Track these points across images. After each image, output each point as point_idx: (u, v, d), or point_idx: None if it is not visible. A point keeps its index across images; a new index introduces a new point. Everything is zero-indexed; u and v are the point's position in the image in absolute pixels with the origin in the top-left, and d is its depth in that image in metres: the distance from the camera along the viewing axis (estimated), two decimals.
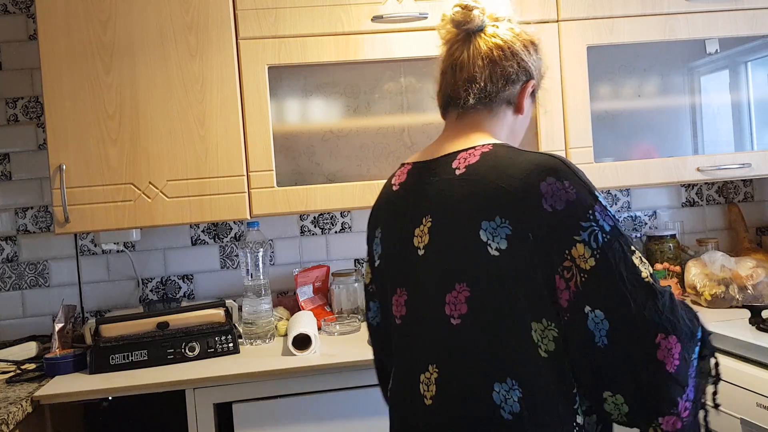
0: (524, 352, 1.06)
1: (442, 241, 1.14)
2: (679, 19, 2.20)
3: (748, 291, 2.18)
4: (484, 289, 1.08)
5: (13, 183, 2.39)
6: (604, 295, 1.04)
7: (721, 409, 1.74)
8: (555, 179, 1.06)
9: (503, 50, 1.22)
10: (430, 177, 1.19)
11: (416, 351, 1.17)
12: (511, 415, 1.06)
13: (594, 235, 1.04)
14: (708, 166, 2.22)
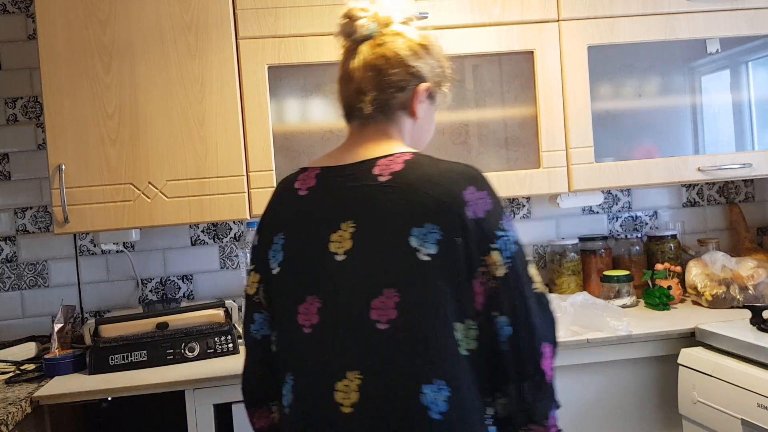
0: (450, 352, 1.11)
1: (369, 247, 1.14)
2: (680, 19, 2.20)
3: (749, 291, 2.18)
4: (414, 294, 1.11)
5: (13, 183, 2.39)
6: (510, 302, 1.12)
7: (722, 409, 1.74)
8: (475, 188, 1.14)
9: (388, 59, 1.23)
10: (348, 182, 1.19)
11: (331, 359, 1.14)
12: (440, 415, 1.09)
13: (507, 245, 1.13)
14: (709, 166, 2.22)
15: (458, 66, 2.21)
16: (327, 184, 1.22)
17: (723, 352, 1.83)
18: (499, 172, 2.16)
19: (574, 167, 2.17)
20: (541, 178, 2.16)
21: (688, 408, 1.87)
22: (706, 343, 1.90)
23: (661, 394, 2.01)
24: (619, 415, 2.02)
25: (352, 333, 1.13)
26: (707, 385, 1.79)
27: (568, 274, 2.45)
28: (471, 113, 2.24)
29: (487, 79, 2.24)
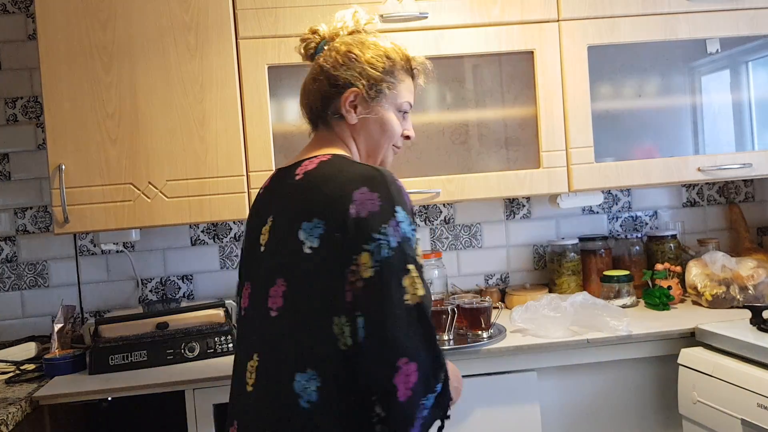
0: (326, 344, 1.14)
1: (274, 240, 1.25)
2: (680, 19, 2.20)
3: (749, 291, 2.18)
4: (297, 284, 1.18)
5: (13, 183, 2.39)
6: (369, 305, 1.13)
7: (721, 409, 1.74)
8: (368, 189, 1.17)
9: (315, 73, 1.37)
10: (280, 182, 1.34)
11: (246, 340, 1.27)
12: (308, 404, 1.14)
13: (379, 248, 1.14)
14: (709, 166, 2.22)
15: (458, 66, 2.22)
16: (273, 183, 1.37)
17: (723, 352, 1.83)
18: (499, 172, 2.16)
19: (574, 167, 2.17)
20: (541, 178, 2.16)
21: (688, 408, 1.87)
22: (706, 343, 1.90)
23: (661, 394, 2.01)
24: (619, 415, 2.02)
25: (257, 318, 1.24)
26: (707, 385, 1.79)
27: (568, 274, 2.45)
28: (471, 113, 2.24)
29: (487, 79, 2.24)
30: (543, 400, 1.96)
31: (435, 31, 2.13)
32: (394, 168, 2.16)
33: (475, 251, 2.57)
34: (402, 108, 1.40)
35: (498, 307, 2.11)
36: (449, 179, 2.14)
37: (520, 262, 2.59)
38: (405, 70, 1.41)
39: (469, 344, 1.95)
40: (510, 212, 2.58)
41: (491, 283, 2.58)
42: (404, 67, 1.40)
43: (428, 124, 2.22)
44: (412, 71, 1.43)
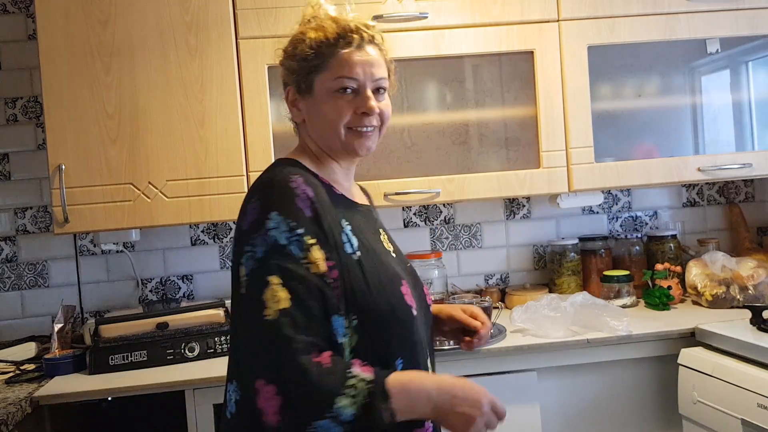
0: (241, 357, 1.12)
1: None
2: (680, 19, 2.20)
3: (749, 291, 2.18)
4: (232, 300, 1.16)
5: (13, 183, 2.39)
6: (237, 323, 1.12)
7: (722, 409, 1.74)
8: (256, 198, 1.15)
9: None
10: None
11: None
12: (229, 414, 1.15)
13: (248, 261, 1.10)
14: (709, 166, 2.22)
15: (458, 66, 2.22)
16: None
17: (723, 352, 1.83)
18: (499, 172, 2.16)
19: (574, 167, 2.17)
20: (541, 178, 2.16)
21: (688, 408, 1.87)
22: (706, 343, 1.90)
23: (661, 394, 2.01)
24: (619, 415, 2.02)
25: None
26: (707, 385, 1.79)
27: (568, 274, 2.45)
28: (471, 113, 2.24)
29: (487, 79, 2.24)
30: (543, 400, 1.96)
31: (435, 31, 2.13)
32: (393, 167, 2.18)
33: (475, 251, 2.57)
34: (339, 86, 1.24)
35: (498, 307, 2.11)
36: (449, 179, 2.14)
37: (520, 262, 2.59)
38: (332, 45, 1.25)
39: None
40: (510, 212, 2.58)
41: (491, 283, 2.58)
42: (330, 42, 1.25)
43: (428, 124, 2.22)
44: (343, 41, 1.25)
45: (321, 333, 1.09)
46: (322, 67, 1.25)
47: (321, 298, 1.10)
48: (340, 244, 1.17)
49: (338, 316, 1.13)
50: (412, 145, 2.20)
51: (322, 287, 1.11)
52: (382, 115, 1.28)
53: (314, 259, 1.12)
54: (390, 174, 2.17)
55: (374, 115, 1.25)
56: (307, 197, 1.15)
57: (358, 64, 1.24)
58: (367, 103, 1.24)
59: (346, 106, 1.24)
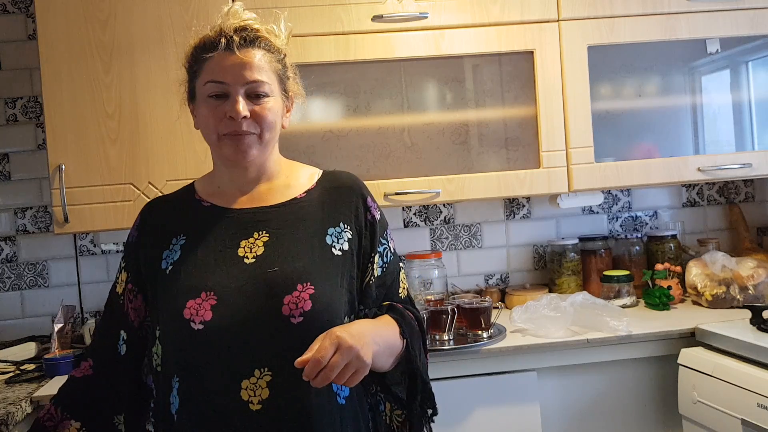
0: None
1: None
2: (680, 19, 2.20)
3: (749, 291, 2.18)
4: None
5: (13, 183, 2.39)
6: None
7: (722, 409, 1.74)
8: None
9: None
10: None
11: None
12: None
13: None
14: (709, 166, 2.22)
15: (458, 66, 2.22)
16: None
17: (723, 352, 1.83)
18: (499, 172, 2.16)
19: (574, 167, 2.17)
20: (541, 178, 2.16)
21: (688, 408, 1.87)
22: (706, 343, 1.90)
23: (661, 394, 2.01)
24: (619, 415, 2.02)
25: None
26: (707, 385, 1.79)
27: (568, 274, 2.45)
28: (471, 113, 2.24)
29: (487, 79, 2.24)
30: (543, 400, 1.96)
31: (435, 31, 2.13)
32: (393, 167, 2.18)
33: (475, 251, 2.57)
34: (210, 91, 1.24)
35: (498, 307, 2.11)
36: (449, 179, 2.14)
37: (520, 262, 2.59)
38: (202, 49, 1.25)
39: (469, 344, 1.95)
40: (510, 212, 2.58)
41: (491, 283, 2.58)
42: (204, 47, 1.25)
43: (428, 124, 2.22)
44: (214, 45, 1.24)
45: (102, 342, 1.34)
46: (198, 72, 1.26)
47: (112, 314, 1.33)
48: (156, 261, 1.28)
49: (124, 330, 1.31)
50: (412, 145, 2.20)
51: (113, 303, 1.33)
52: (260, 120, 1.24)
53: (120, 280, 1.33)
54: (390, 174, 2.17)
55: (242, 120, 1.22)
56: (135, 224, 1.34)
57: (226, 68, 1.23)
58: (232, 107, 1.22)
59: (217, 110, 1.23)
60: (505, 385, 1.93)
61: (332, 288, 1.23)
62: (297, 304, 1.18)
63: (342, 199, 1.33)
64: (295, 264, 1.22)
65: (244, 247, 1.24)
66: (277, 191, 1.32)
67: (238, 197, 1.31)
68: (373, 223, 1.33)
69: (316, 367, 1.05)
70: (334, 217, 1.30)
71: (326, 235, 1.28)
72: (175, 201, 1.35)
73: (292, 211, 1.30)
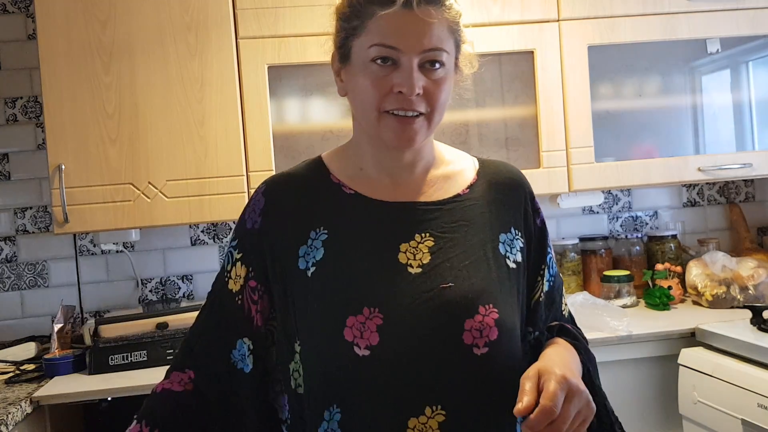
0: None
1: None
2: (680, 19, 2.20)
3: (749, 291, 2.18)
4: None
5: (12, 183, 2.39)
6: None
7: (722, 409, 1.74)
8: None
9: None
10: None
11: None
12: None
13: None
14: (709, 166, 2.22)
15: None
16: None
17: (723, 352, 1.83)
18: None
19: (574, 167, 2.17)
20: (541, 178, 2.16)
21: (689, 408, 1.87)
22: (706, 343, 1.90)
23: (662, 394, 2.00)
24: (620, 415, 2.00)
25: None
26: (707, 385, 1.79)
27: (569, 274, 2.45)
28: (471, 113, 2.24)
29: (487, 79, 2.24)
30: None
31: None
32: None
33: None
34: (375, 56, 0.99)
35: None
36: None
37: None
38: (372, 2, 0.99)
39: None
40: None
41: None
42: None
43: None
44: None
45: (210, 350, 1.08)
46: (360, 29, 1.00)
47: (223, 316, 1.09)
48: (291, 258, 1.04)
49: (244, 339, 1.06)
50: None
51: (225, 303, 1.09)
52: (432, 99, 1.01)
53: (234, 275, 1.09)
54: None
55: (414, 97, 0.99)
56: (256, 208, 1.08)
57: (402, 30, 0.97)
58: (407, 80, 0.98)
59: (382, 81, 0.99)
60: None
61: (513, 311, 1.03)
62: (481, 331, 0.97)
63: (510, 197, 1.10)
64: (471, 279, 1.00)
65: (406, 252, 1.02)
66: (435, 184, 1.09)
67: (389, 186, 1.08)
68: (542, 228, 1.12)
69: (548, 417, 0.85)
70: (504, 220, 1.08)
71: (499, 243, 1.05)
72: (306, 182, 1.09)
73: (458, 210, 1.06)
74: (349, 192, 1.08)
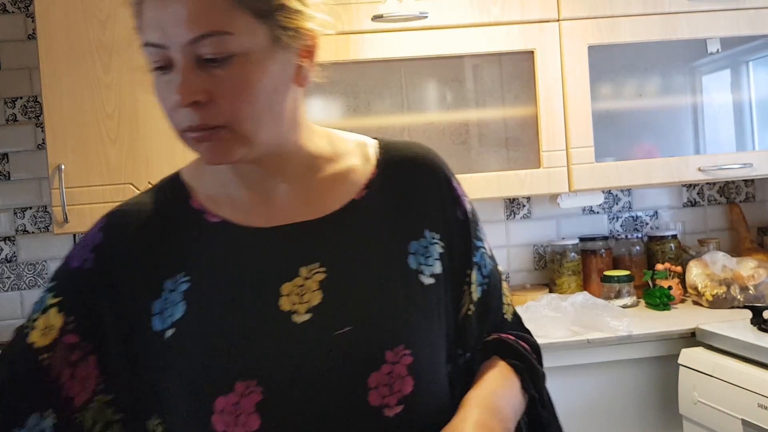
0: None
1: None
2: (681, 19, 2.20)
3: (749, 291, 2.17)
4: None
5: (12, 183, 2.39)
6: None
7: (722, 409, 1.74)
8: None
9: None
10: None
11: None
12: None
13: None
14: (709, 166, 2.21)
15: (458, 66, 2.21)
16: None
17: (723, 352, 1.83)
18: (500, 172, 2.16)
19: (574, 167, 2.17)
20: (541, 178, 2.16)
21: (689, 408, 1.87)
22: (706, 344, 1.90)
23: (662, 394, 2.00)
24: (620, 415, 2.01)
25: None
26: (708, 386, 1.79)
27: (569, 274, 2.44)
28: (471, 113, 2.24)
29: (488, 79, 2.24)
30: None
31: (435, 30, 2.13)
32: None
33: None
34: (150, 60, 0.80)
35: None
36: None
37: (520, 262, 2.58)
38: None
39: None
40: (510, 212, 2.58)
41: None
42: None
43: (428, 124, 2.21)
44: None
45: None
46: (139, 26, 0.83)
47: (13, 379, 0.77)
48: (141, 316, 0.79)
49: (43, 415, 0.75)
50: None
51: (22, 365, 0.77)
52: (225, 103, 0.76)
53: (43, 326, 0.78)
54: None
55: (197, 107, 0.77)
56: (88, 244, 0.82)
57: (160, 17, 0.77)
58: (177, 87, 0.77)
59: (165, 94, 0.81)
60: None
61: (434, 343, 0.82)
62: (391, 386, 0.76)
63: (421, 190, 0.87)
64: (374, 316, 0.79)
65: (290, 296, 0.79)
66: (320, 190, 0.86)
67: (263, 206, 0.84)
68: (465, 221, 0.88)
69: None
70: (415, 222, 0.85)
71: (408, 255, 0.83)
72: (160, 211, 0.87)
73: (353, 223, 0.84)
74: (213, 221, 0.84)
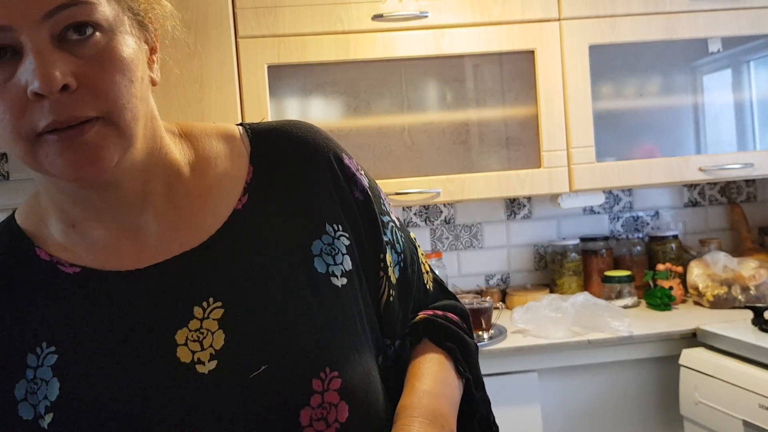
0: None
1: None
2: (682, 18, 2.19)
3: (750, 292, 2.17)
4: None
5: (11, 183, 2.38)
6: None
7: (723, 410, 1.74)
8: None
9: None
10: None
11: None
12: None
13: None
14: (710, 166, 2.21)
15: (459, 65, 2.21)
16: None
17: (724, 352, 1.82)
18: (500, 172, 2.15)
19: (575, 167, 2.16)
20: (542, 178, 2.15)
21: (690, 409, 1.86)
22: (707, 344, 1.89)
23: (663, 394, 2.00)
24: (621, 415, 2.01)
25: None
26: (709, 386, 1.79)
27: (569, 274, 2.44)
28: (471, 113, 2.23)
29: (488, 79, 2.24)
30: (544, 401, 1.96)
31: (435, 30, 2.12)
32: (393, 167, 2.17)
33: (476, 251, 2.56)
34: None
35: (498, 308, 2.10)
36: (450, 179, 2.14)
37: (520, 262, 2.58)
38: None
39: None
40: (511, 212, 2.57)
41: (492, 283, 2.57)
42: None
43: (428, 124, 2.21)
44: None
45: None
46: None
47: None
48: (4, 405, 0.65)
49: None
50: (412, 144, 2.19)
51: None
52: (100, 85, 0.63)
53: None
54: (390, 174, 2.16)
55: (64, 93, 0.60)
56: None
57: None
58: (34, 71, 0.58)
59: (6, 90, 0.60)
60: (506, 386, 1.92)
61: (360, 353, 0.72)
62: (326, 418, 0.67)
63: (307, 179, 0.75)
64: (292, 344, 0.68)
65: (187, 344, 0.66)
66: (193, 210, 0.73)
67: (128, 242, 0.70)
68: (366, 201, 0.78)
69: None
70: (311, 219, 0.74)
71: (313, 258, 0.73)
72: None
73: (241, 237, 0.72)
74: (70, 271, 0.69)
